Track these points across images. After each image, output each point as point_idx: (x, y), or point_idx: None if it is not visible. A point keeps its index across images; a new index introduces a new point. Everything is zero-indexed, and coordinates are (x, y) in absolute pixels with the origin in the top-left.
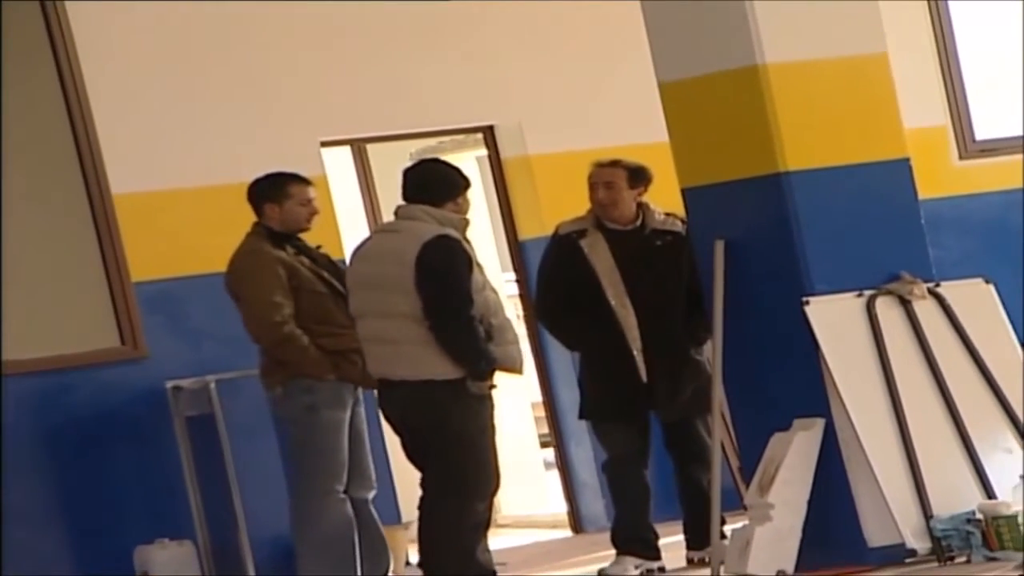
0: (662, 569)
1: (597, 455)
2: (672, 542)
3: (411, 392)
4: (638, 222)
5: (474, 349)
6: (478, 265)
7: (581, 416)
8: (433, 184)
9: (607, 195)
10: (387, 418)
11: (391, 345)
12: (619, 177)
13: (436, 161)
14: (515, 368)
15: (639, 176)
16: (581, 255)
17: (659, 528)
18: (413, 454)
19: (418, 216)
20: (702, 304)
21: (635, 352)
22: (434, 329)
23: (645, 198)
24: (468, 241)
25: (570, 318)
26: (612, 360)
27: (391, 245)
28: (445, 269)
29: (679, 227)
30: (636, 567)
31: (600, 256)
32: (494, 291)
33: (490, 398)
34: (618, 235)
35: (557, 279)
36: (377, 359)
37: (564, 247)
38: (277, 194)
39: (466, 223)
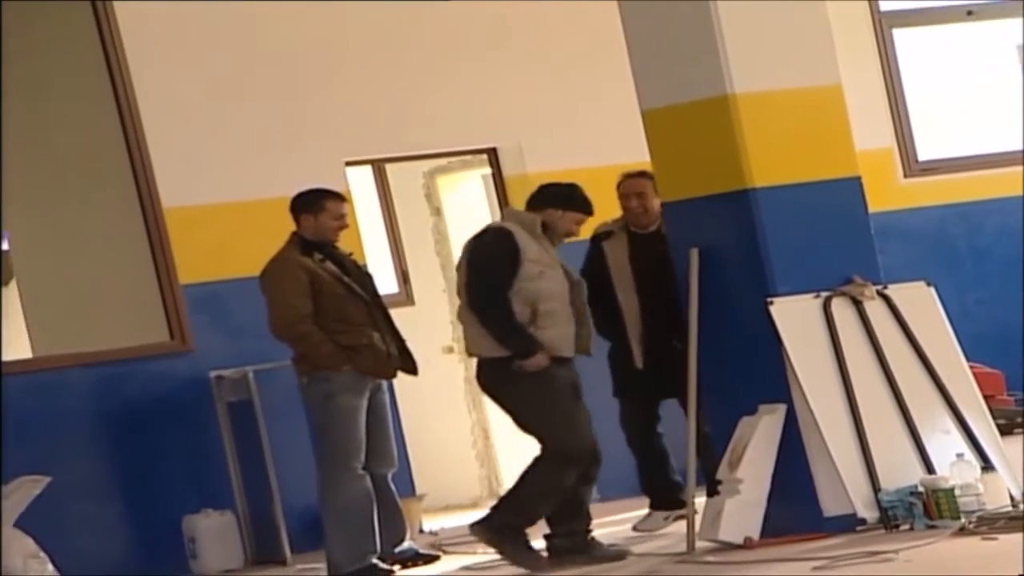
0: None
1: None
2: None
3: (481, 367)
4: (655, 226)
5: (507, 331)
6: (550, 256)
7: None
8: (544, 194)
9: (639, 203)
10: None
11: (468, 326)
12: (648, 187)
13: (572, 185)
14: (554, 351)
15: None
16: (602, 254)
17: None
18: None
19: (503, 216)
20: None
21: (633, 342)
22: (472, 312)
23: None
24: (543, 239)
25: (594, 307)
26: (618, 347)
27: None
28: (480, 258)
29: None
30: (665, 518)
31: (617, 256)
32: (556, 282)
33: (552, 372)
34: (639, 238)
35: (585, 274)
36: (465, 338)
37: (593, 247)
38: (314, 207)
39: (542, 229)
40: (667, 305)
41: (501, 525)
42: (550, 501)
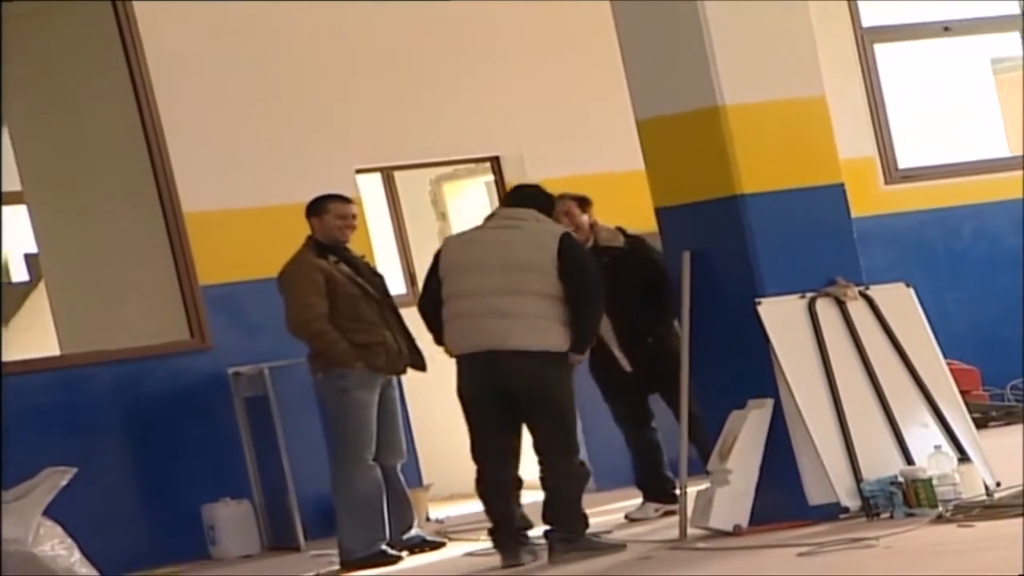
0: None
1: (589, 430)
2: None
3: (523, 362)
4: (590, 242)
5: (597, 329)
6: None
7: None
8: (542, 200)
9: (570, 221)
10: (478, 388)
11: (522, 320)
12: (572, 206)
13: (539, 186)
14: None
15: (585, 202)
16: None
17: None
18: (498, 419)
19: (530, 218)
20: (653, 303)
21: (614, 348)
22: (580, 307)
23: (595, 217)
24: None
25: None
26: (598, 357)
27: (518, 235)
28: (586, 259)
29: (620, 242)
30: (656, 510)
31: None
32: None
33: None
34: None
35: None
36: (498, 332)
37: None
38: (318, 210)
39: None
40: (630, 309)
41: (576, 535)
42: (583, 487)
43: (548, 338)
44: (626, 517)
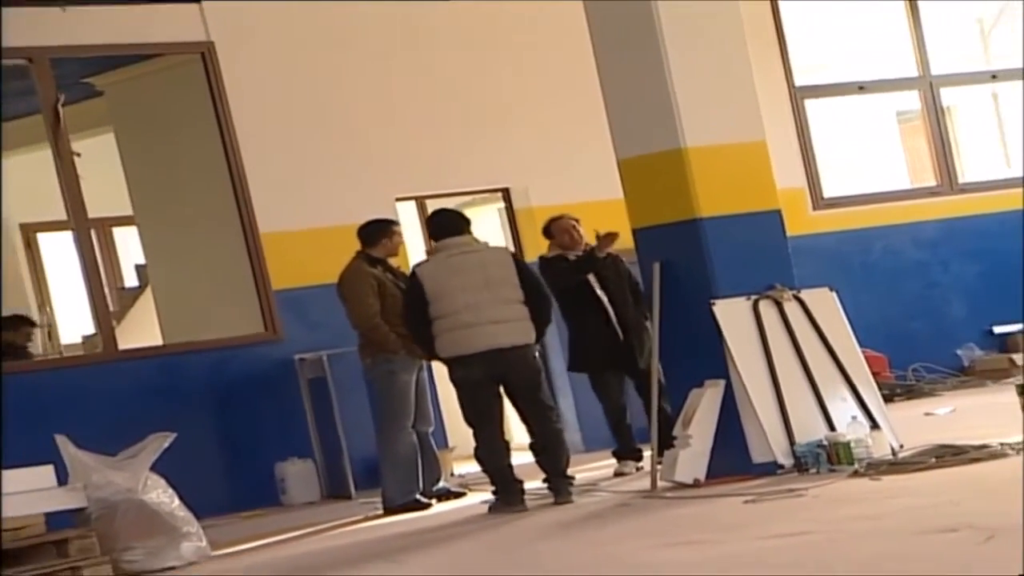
0: (639, 468)
1: (578, 403)
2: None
3: (518, 354)
4: (586, 249)
5: (550, 319)
6: None
7: (571, 369)
8: (467, 223)
9: (578, 233)
10: (482, 375)
11: (511, 323)
12: (578, 222)
13: (458, 211)
14: None
15: (578, 220)
16: (571, 269)
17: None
18: (495, 398)
19: (476, 243)
20: (638, 296)
21: (615, 323)
22: (539, 309)
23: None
24: None
25: (570, 307)
26: (601, 329)
27: (484, 257)
28: (533, 270)
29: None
30: (635, 466)
31: (570, 272)
32: None
33: None
34: (579, 258)
35: (557, 285)
36: (498, 334)
37: (555, 266)
38: (388, 232)
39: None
40: (623, 300)
41: (571, 477)
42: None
43: (527, 334)
44: (615, 474)
